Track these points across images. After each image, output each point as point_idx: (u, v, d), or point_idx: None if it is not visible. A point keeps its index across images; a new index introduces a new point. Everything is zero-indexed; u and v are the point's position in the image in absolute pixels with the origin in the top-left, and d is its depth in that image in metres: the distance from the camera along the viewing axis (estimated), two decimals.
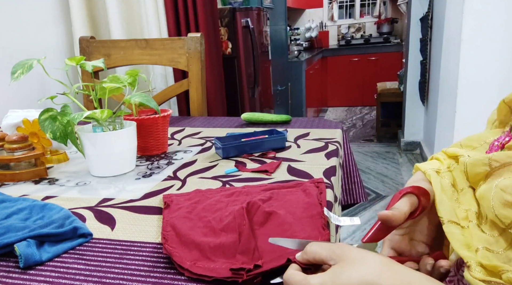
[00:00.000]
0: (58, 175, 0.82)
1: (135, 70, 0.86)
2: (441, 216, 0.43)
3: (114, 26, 1.71)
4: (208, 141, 1.01)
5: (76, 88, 0.79)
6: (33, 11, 1.52)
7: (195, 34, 1.38)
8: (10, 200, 0.64)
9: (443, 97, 2.29)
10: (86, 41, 1.47)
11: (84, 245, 0.54)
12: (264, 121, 1.14)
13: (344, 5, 5.38)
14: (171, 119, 1.30)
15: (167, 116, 0.92)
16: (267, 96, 2.93)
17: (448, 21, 2.16)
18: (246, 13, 2.38)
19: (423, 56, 2.93)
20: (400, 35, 5.01)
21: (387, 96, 3.60)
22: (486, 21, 1.76)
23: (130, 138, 0.80)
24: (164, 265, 0.48)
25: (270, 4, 3.56)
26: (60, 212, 0.59)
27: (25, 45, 1.48)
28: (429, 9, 2.68)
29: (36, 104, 1.29)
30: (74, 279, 0.46)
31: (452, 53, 1.99)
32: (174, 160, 0.87)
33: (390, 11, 5.18)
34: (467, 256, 0.38)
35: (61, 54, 1.68)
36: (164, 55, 1.41)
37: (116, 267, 0.48)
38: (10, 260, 0.51)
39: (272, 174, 0.76)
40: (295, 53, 4.25)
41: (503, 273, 0.35)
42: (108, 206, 0.66)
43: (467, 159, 0.44)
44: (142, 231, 0.57)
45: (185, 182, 0.74)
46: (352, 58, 5.01)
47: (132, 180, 0.77)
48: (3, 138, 0.80)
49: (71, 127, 0.76)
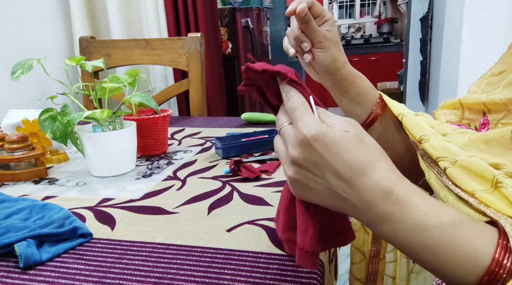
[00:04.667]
0: (58, 175, 0.82)
1: (135, 70, 0.86)
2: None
3: (114, 26, 1.71)
4: (208, 141, 1.01)
5: (76, 88, 0.79)
6: (33, 11, 1.52)
7: (195, 34, 1.38)
8: (10, 200, 0.64)
9: (443, 97, 2.28)
10: (86, 41, 1.47)
11: (84, 245, 0.54)
12: (264, 121, 1.14)
13: (344, 5, 5.38)
14: (171, 119, 1.30)
15: (167, 116, 0.92)
16: None
17: (448, 21, 2.16)
18: (246, 13, 2.38)
19: (423, 56, 2.93)
20: (400, 35, 5.01)
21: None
22: (486, 21, 1.76)
23: (130, 138, 0.80)
24: (164, 265, 0.48)
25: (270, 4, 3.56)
26: (60, 212, 0.59)
27: (25, 45, 1.48)
28: (429, 9, 2.68)
29: (36, 104, 1.29)
30: (74, 279, 0.46)
31: (452, 53, 1.99)
32: (174, 160, 0.87)
33: (390, 11, 5.18)
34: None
35: (61, 54, 1.68)
36: (164, 55, 1.41)
37: (116, 267, 0.48)
38: (10, 260, 0.51)
39: (272, 174, 0.76)
40: None
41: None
42: (108, 206, 0.66)
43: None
44: (142, 231, 0.57)
45: (185, 182, 0.74)
46: (352, 58, 5.00)
47: (132, 180, 0.77)
48: (3, 138, 0.80)
49: (71, 127, 0.76)
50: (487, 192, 0.36)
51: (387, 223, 0.33)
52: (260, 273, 0.46)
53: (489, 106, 0.46)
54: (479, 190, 0.37)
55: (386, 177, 0.34)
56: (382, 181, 0.33)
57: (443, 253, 0.32)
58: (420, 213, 0.33)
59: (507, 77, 0.46)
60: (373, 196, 0.33)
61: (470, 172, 0.38)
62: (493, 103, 0.45)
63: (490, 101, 0.46)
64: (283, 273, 0.46)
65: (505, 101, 0.44)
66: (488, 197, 0.36)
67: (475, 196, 0.37)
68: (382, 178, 0.33)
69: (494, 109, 0.46)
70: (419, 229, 0.32)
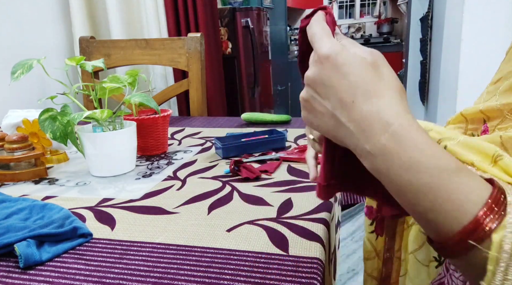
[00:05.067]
0: (58, 175, 0.82)
1: (135, 70, 0.86)
2: None
3: (114, 26, 1.71)
4: (208, 141, 1.01)
5: (76, 88, 0.79)
6: (33, 11, 1.52)
7: (195, 34, 1.38)
8: (10, 200, 0.64)
9: (443, 97, 2.29)
10: (86, 41, 1.47)
11: (84, 245, 0.54)
12: (264, 121, 1.15)
13: (344, 5, 5.38)
14: (171, 119, 1.30)
15: (167, 116, 0.92)
16: (267, 96, 2.93)
17: (448, 21, 2.16)
18: (246, 13, 2.38)
19: (423, 56, 2.93)
20: (400, 35, 5.00)
21: None
22: (486, 21, 1.76)
23: (130, 138, 0.80)
24: (164, 265, 0.48)
25: (270, 4, 3.56)
26: (60, 212, 0.59)
27: (25, 45, 1.48)
28: (429, 9, 2.68)
29: (36, 104, 1.29)
30: (74, 279, 0.46)
31: (452, 53, 1.99)
32: (174, 160, 0.87)
33: (390, 11, 5.18)
34: None
35: (61, 54, 1.68)
36: (164, 55, 1.41)
37: (116, 267, 0.48)
38: (10, 260, 0.51)
39: (272, 174, 0.76)
40: (295, 53, 4.25)
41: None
42: (108, 206, 0.66)
43: None
44: (142, 231, 0.57)
45: (185, 182, 0.74)
46: None
47: (132, 180, 0.77)
48: (3, 138, 0.80)
49: (71, 127, 0.76)
50: (488, 165, 0.36)
51: (381, 157, 0.32)
52: (260, 273, 0.46)
53: (487, 113, 0.47)
54: (478, 161, 0.36)
55: (389, 107, 0.32)
56: (384, 111, 0.32)
57: (433, 196, 0.30)
58: (416, 152, 0.31)
59: (502, 84, 0.46)
60: (370, 126, 0.32)
61: (470, 147, 0.38)
62: (490, 110, 0.46)
63: (487, 108, 0.46)
64: (283, 273, 0.46)
65: (500, 106, 0.44)
66: (487, 168, 0.35)
67: (474, 165, 0.36)
68: (385, 108, 0.32)
69: (492, 116, 0.46)
70: (414, 168, 0.31)
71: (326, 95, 0.34)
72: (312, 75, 0.34)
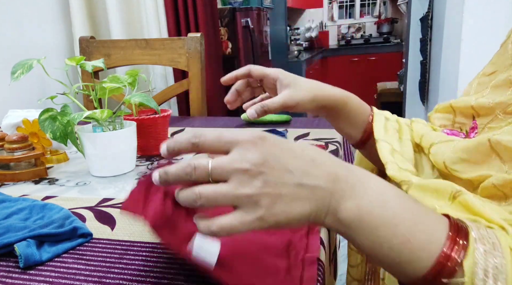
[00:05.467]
0: (58, 175, 0.82)
1: (135, 70, 0.86)
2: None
3: (114, 26, 1.71)
4: None
5: (76, 88, 0.79)
6: (33, 11, 1.52)
7: (195, 34, 1.38)
8: (10, 200, 0.64)
9: (443, 97, 2.28)
10: (86, 41, 1.47)
11: (84, 245, 0.54)
12: (264, 121, 1.14)
13: (344, 5, 5.38)
14: (171, 119, 1.30)
15: (167, 116, 0.92)
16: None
17: (448, 21, 2.16)
18: (246, 13, 2.38)
19: (423, 56, 2.93)
20: (400, 35, 5.01)
21: (387, 96, 3.60)
22: (486, 21, 1.76)
23: (130, 138, 0.80)
24: (164, 265, 0.48)
25: (270, 4, 3.56)
26: (60, 212, 0.59)
27: (25, 45, 1.47)
28: (429, 9, 2.68)
29: (36, 104, 1.29)
30: (74, 279, 0.46)
31: (452, 53, 1.99)
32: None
33: (390, 11, 5.18)
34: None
35: (61, 54, 1.68)
36: (164, 55, 1.41)
37: (116, 267, 0.48)
38: (10, 260, 0.51)
39: None
40: (295, 53, 4.25)
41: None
42: (108, 206, 0.66)
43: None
44: (142, 231, 0.57)
45: None
46: (352, 58, 5.01)
47: (132, 180, 0.77)
48: (3, 138, 0.80)
49: (71, 127, 0.76)
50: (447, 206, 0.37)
51: (351, 198, 0.33)
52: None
53: (477, 110, 0.46)
54: (440, 206, 0.38)
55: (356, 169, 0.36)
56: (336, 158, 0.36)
57: (403, 225, 0.32)
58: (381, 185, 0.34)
59: (496, 78, 0.46)
60: (337, 169, 0.34)
61: (427, 189, 0.39)
62: (481, 107, 0.45)
63: (478, 104, 0.46)
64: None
65: (493, 105, 0.43)
66: (449, 211, 0.36)
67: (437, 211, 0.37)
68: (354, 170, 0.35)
69: (482, 113, 0.46)
70: (381, 200, 0.33)
71: (285, 167, 0.32)
72: (261, 156, 0.31)
